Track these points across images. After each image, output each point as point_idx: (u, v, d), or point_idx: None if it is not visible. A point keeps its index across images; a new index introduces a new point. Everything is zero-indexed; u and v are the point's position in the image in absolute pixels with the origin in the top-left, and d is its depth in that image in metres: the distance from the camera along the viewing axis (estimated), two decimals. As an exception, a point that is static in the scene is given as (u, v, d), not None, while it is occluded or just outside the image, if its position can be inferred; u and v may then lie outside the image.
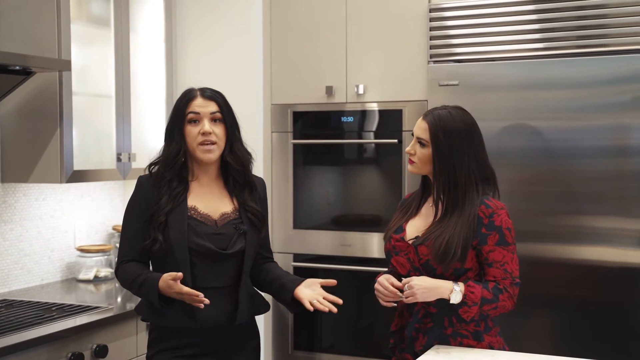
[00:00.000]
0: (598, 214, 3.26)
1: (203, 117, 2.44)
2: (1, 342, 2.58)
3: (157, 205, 2.43)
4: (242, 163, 2.52)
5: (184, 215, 2.43)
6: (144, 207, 2.46)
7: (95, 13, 3.48)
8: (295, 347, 4.00)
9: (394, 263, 2.53)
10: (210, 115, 2.45)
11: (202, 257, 2.42)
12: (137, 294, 2.48)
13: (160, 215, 2.41)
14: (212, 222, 2.47)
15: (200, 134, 2.43)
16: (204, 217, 2.46)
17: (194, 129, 2.44)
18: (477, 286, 2.38)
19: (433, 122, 2.46)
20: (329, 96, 3.87)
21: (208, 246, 2.41)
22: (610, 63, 3.23)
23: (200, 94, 2.47)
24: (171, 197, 2.43)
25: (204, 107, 2.45)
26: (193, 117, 2.44)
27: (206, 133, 2.42)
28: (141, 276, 2.41)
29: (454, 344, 2.43)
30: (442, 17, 3.57)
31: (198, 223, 2.44)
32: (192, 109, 2.44)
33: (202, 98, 2.46)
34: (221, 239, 2.45)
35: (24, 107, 3.29)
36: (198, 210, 2.46)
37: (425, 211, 2.55)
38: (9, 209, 3.42)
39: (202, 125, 2.43)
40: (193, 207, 2.46)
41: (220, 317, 2.44)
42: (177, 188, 2.45)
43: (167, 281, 2.32)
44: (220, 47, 3.95)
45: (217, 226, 2.47)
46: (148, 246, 2.42)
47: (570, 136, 3.30)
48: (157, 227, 2.41)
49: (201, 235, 2.42)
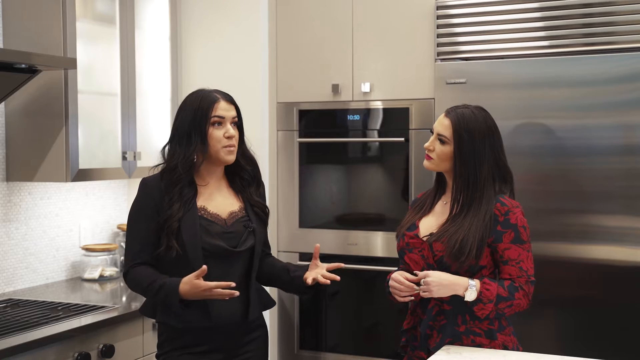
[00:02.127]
0: (607, 212, 3.24)
1: (227, 121, 2.49)
2: (8, 342, 2.57)
3: (168, 212, 2.43)
4: (253, 162, 2.60)
5: (195, 216, 2.44)
6: (152, 208, 2.45)
7: (100, 11, 3.46)
8: (300, 346, 3.99)
9: (407, 260, 2.52)
10: (232, 119, 2.50)
11: (215, 256, 2.44)
12: (152, 298, 2.47)
13: (173, 222, 2.42)
14: (222, 221, 2.49)
15: (226, 137, 2.47)
16: (214, 216, 2.49)
17: (219, 131, 2.47)
18: (492, 283, 2.37)
19: (456, 121, 2.45)
20: (334, 94, 3.85)
21: (220, 245, 2.44)
22: (617, 61, 3.22)
23: (222, 97, 2.51)
24: (182, 203, 2.44)
25: (228, 111, 2.49)
26: (218, 120, 2.47)
27: (231, 136, 2.47)
28: (156, 282, 2.40)
29: (467, 342, 2.42)
30: (449, 15, 3.56)
31: (209, 223, 2.47)
32: (218, 113, 2.47)
33: (225, 102, 2.50)
34: (232, 237, 2.48)
35: (29, 106, 3.28)
36: (208, 211, 2.49)
37: (439, 209, 2.54)
38: (14, 207, 3.41)
39: (226, 128, 2.47)
40: (202, 207, 2.48)
41: (233, 314, 2.47)
42: (188, 193, 2.47)
43: (192, 282, 2.33)
44: (226, 44, 3.94)
45: (227, 225, 2.50)
46: (162, 253, 2.43)
47: (578, 134, 3.28)
48: (170, 234, 2.41)
49: (213, 235, 2.45)
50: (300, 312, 3.99)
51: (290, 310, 3.99)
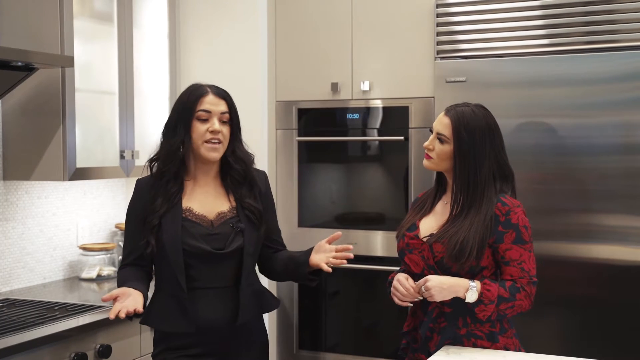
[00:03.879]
0: (608, 211, 3.23)
1: (213, 116, 2.42)
2: (4, 342, 2.55)
3: (151, 207, 2.40)
4: (244, 162, 2.50)
5: (177, 217, 2.40)
6: (142, 209, 2.44)
7: (98, 9, 3.44)
8: (299, 346, 3.98)
9: (407, 261, 2.50)
10: (220, 115, 2.43)
11: (198, 259, 2.39)
12: None
13: (154, 218, 2.39)
14: (208, 223, 2.44)
15: (209, 132, 2.40)
16: (199, 217, 2.43)
17: (203, 126, 2.41)
18: (493, 284, 2.35)
19: (456, 119, 2.42)
20: (334, 93, 3.84)
21: (202, 247, 2.38)
22: (619, 59, 3.21)
23: (211, 91, 2.44)
24: (166, 198, 2.41)
25: (215, 105, 2.42)
26: (203, 114, 2.41)
27: (215, 132, 2.40)
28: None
29: (468, 344, 2.39)
30: (449, 13, 3.54)
31: (192, 224, 2.41)
32: (204, 107, 2.41)
33: (214, 95, 2.43)
34: (217, 239, 2.41)
35: (27, 104, 3.26)
36: (193, 212, 2.43)
37: (439, 209, 2.51)
38: (11, 206, 3.39)
39: (211, 123, 2.41)
40: (188, 208, 2.43)
41: (219, 318, 2.41)
42: (173, 188, 2.42)
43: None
44: (225, 43, 3.92)
45: (213, 226, 2.43)
46: (143, 248, 2.41)
47: (579, 133, 3.27)
48: (150, 230, 2.39)
49: (195, 237, 2.39)
50: (299, 312, 3.97)
51: (290, 309, 3.97)
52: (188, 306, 2.36)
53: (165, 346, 2.44)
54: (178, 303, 2.37)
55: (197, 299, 2.39)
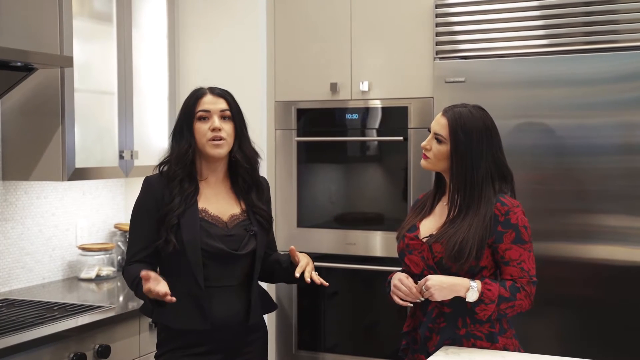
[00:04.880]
0: (607, 212, 3.22)
1: (213, 114, 2.47)
2: (3, 342, 2.55)
3: (169, 206, 2.42)
4: (250, 161, 2.54)
5: (195, 217, 2.43)
6: (153, 207, 2.45)
7: (97, 9, 3.44)
8: (299, 346, 3.97)
9: (407, 262, 2.50)
10: (220, 112, 2.47)
11: (214, 258, 2.43)
12: (137, 296, 2.47)
13: (172, 217, 2.41)
14: (223, 224, 2.48)
15: (210, 130, 2.45)
16: (215, 218, 2.48)
17: (204, 125, 2.46)
18: (494, 284, 2.35)
19: (453, 119, 2.42)
20: (333, 93, 3.83)
21: (220, 247, 2.43)
22: (618, 60, 3.20)
23: (209, 91, 2.50)
24: (183, 198, 2.44)
25: (214, 104, 2.47)
26: (203, 114, 2.47)
27: (216, 129, 2.44)
28: (137, 278, 2.37)
29: (467, 345, 2.39)
30: (448, 13, 3.54)
31: (209, 225, 2.45)
32: (202, 107, 2.47)
33: (212, 95, 2.49)
34: (233, 240, 2.46)
35: (26, 104, 3.26)
36: (209, 212, 2.48)
37: (439, 210, 2.51)
38: (10, 207, 3.39)
39: (212, 121, 2.45)
40: (204, 209, 2.47)
41: (232, 316, 2.46)
42: (189, 188, 2.46)
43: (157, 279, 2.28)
44: (224, 43, 3.92)
45: (228, 228, 2.48)
46: (161, 247, 2.42)
47: (578, 134, 3.27)
48: (169, 229, 2.41)
49: (213, 237, 2.44)
50: (298, 312, 3.96)
51: (289, 310, 3.97)
52: (204, 304, 2.40)
53: (174, 346, 2.46)
54: (193, 301, 2.41)
55: (211, 297, 2.43)
